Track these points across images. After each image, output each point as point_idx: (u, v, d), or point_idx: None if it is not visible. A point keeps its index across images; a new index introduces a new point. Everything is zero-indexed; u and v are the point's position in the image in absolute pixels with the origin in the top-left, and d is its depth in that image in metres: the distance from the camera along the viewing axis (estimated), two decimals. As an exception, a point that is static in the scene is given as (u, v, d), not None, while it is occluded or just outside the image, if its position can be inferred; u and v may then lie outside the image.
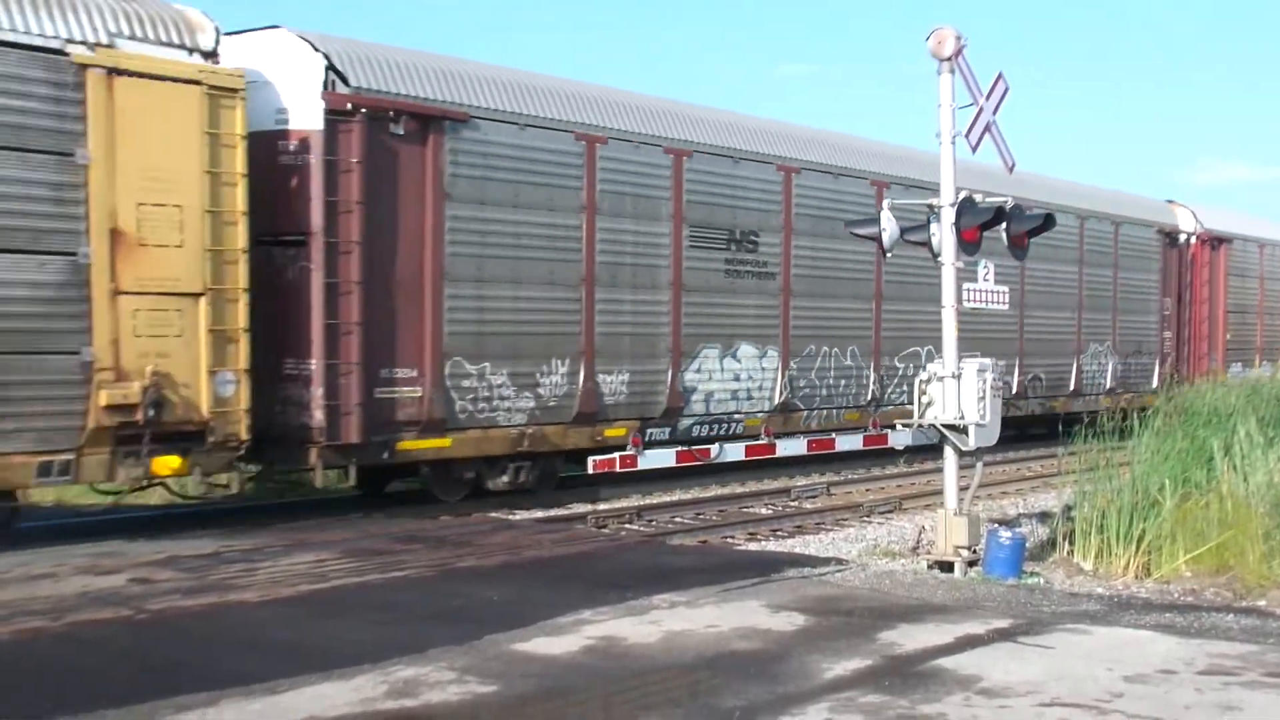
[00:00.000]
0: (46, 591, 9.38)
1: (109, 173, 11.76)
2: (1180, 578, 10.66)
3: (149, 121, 11.99)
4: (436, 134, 14.42)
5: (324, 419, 13.50)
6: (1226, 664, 7.41)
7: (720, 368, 17.93)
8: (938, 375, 11.18)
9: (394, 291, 14.18)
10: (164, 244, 12.09)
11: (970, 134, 11.24)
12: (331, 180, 13.53)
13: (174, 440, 12.23)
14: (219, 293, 12.47)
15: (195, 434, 12.40)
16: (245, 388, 12.68)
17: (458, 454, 14.94)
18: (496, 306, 15.17)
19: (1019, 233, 11.73)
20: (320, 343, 13.50)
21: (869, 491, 18.62)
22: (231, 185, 12.55)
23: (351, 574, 10.16)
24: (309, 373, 13.54)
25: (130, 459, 11.96)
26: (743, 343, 18.22)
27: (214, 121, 12.42)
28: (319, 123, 13.49)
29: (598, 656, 7.51)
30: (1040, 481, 19.53)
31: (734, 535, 14.76)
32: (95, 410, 11.68)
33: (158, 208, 12.07)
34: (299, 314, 13.50)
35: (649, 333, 16.95)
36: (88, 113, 11.68)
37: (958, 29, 10.93)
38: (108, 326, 11.74)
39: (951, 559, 10.95)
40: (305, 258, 13.50)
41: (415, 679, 6.93)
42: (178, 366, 12.19)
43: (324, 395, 13.50)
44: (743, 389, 18.33)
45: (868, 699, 6.55)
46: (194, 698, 6.52)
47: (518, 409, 15.43)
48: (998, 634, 8.16)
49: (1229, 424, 13.28)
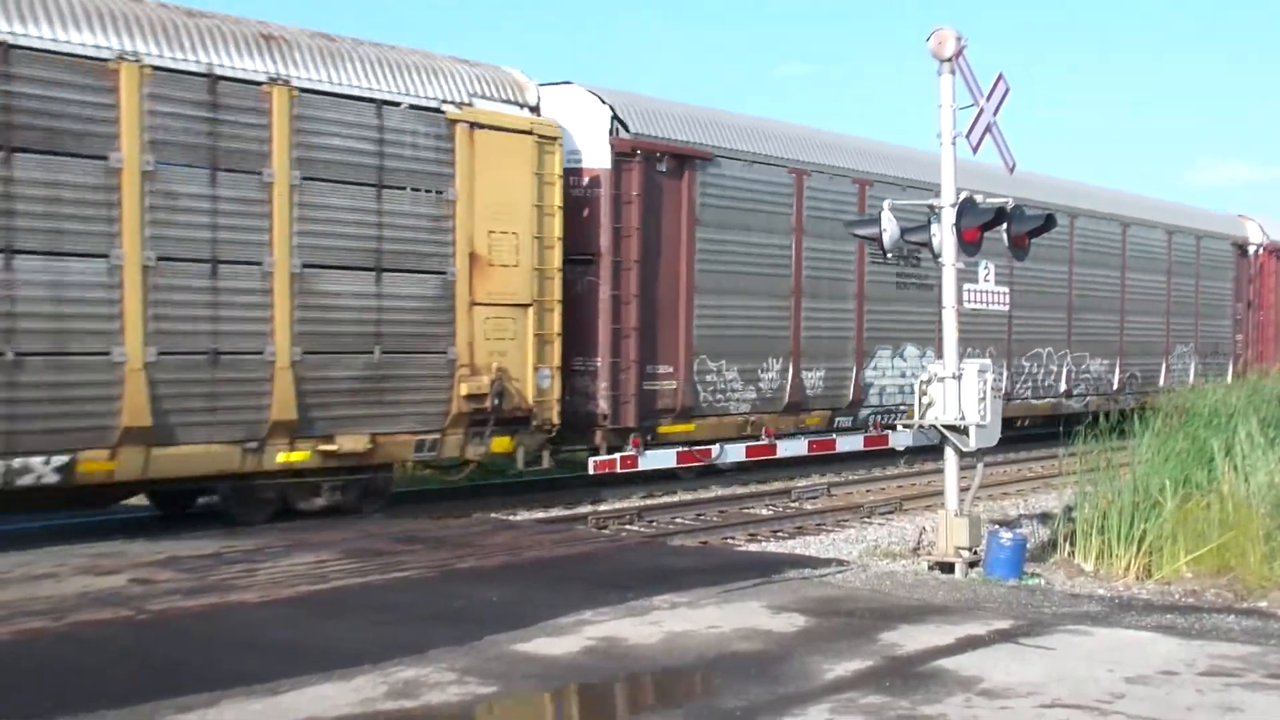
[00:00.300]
0: (47, 592, 9.38)
1: (468, 207, 14.58)
2: (1181, 579, 10.65)
3: (496, 164, 14.81)
4: (690, 170, 17.40)
5: (607, 407, 16.40)
6: (1228, 665, 7.40)
7: (891, 366, 20.92)
8: (938, 376, 11.17)
9: (659, 301, 17.12)
10: (505, 264, 14.98)
11: (971, 134, 11.25)
12: (616, 210, 16.47)
13: (507, 424, 15.08)
14: (541, 303, 15.34)
15: (522, 419, 15.24)
16: (557, 381, 15.64)
17: (698, 437, 17.58)
18: (730, 314, 18.14)
19: (1019, 233, 11.75)
20: (606, 344, 16.42)
21: (870, 492, 18.63)
22: (551, 215, 15.42)
23: (352, 575, 10.15)
24: (595, 369, 16.41)
25: (477, 439, 14.78)
26: (908, 344, 21.16)
27: (539, 164, 15.25)
28: (607, 162, 16.44)
29: (598, 657, 7.50)
30: (1041, 482, 19.53)
31: (735, 536, 14.76)
32: (457, 399, 14.49)
33: (501, 235, 14.91)
34: (588, 320, 16.35)
35: (839, 336, 19.97)
36: (455, 158, 14.49)
37: (958, 29, 10.94)
38: (466, 331, 14.59)
39: (952, 560, 10.94)
40: (594, 274, 16.40)
41: (416, 680, 6.92)
42: (512, 364, 15.03)
43: (608, 387, 16.41)
44: (907, 384, 20.15)
45: (869, 700, 6.54)
46: (195, 698, 6.51)
47: (744, 399, 18.36)
48: (999, 635, 8.15)
49: (1230, 425, 13.28)
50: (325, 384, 13.50)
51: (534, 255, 15.19)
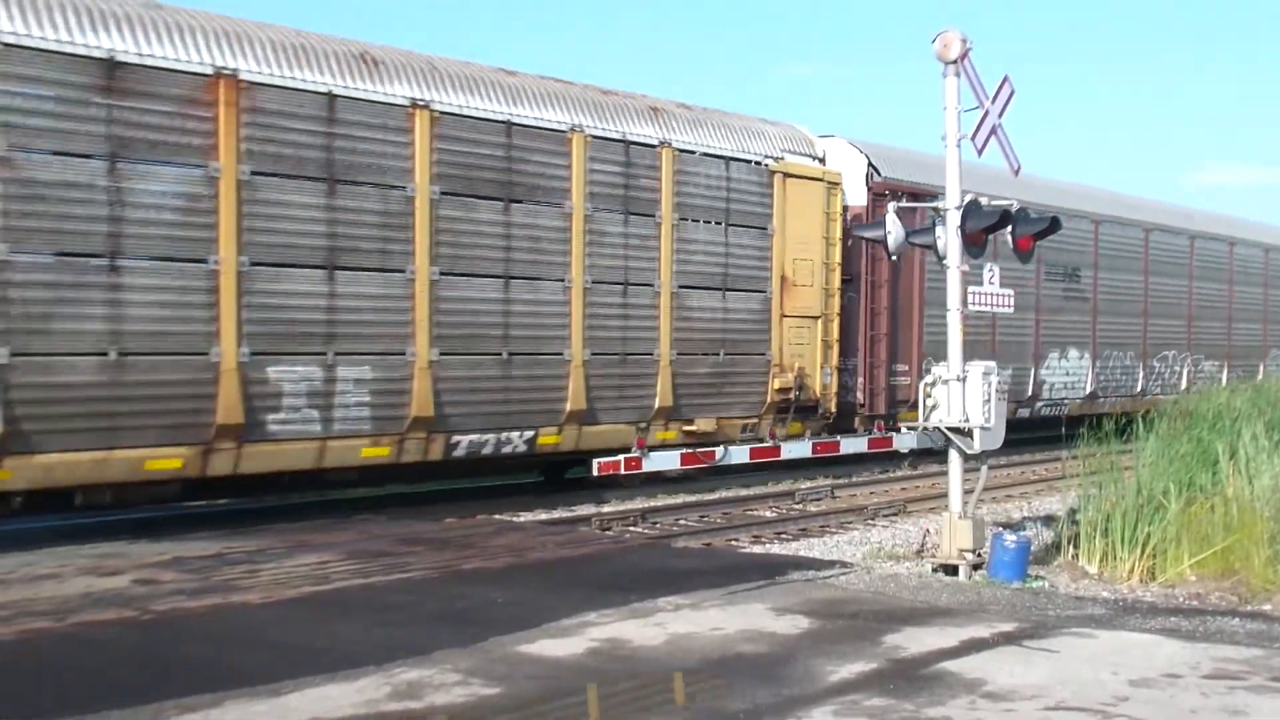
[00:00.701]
0: (50, 592, 9.38)
1: (781, 240, 18.82)
2: (1185, 582, 10.63)
3: (798, 205, 19.10)
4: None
5: (864, 398, 20.63)
6: (1232, 668, 7.39)
7: (1059, 366, 25.15)
8: (943, 378, 11.16)
9: (899, 313, 21.15)
10: (804, 284, 19.29)
11: (976, 137, 11.23)
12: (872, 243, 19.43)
13: (800, 412, 19.18)
14: (826, 316, 19.66)
15: (811, 408, 19.50)
16: (835, 378, 19.96)
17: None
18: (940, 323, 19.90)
19: (1024, 236, 11.75)
20: (864, 348, 20.60)
21: (873, 494, 18.60)
22: (833, 245, 19.74)
23: (355, 575, 10.15)
24: (855, 367, 20.55)
25: (779, 424, 18.87)
26: (1071, 348, 25.47)
27: (827, 204, 19.66)
28: (865, 200, 20.47)
29: (602, 659, 7.50)
30: (1045, 485, 19.50)
31: (738, 538, 14.74)
32: (770, 391, 18.73)
33: (801, 261, 19.21)
34: (850, 328, 20.46)
35: (1022, 341, 24.07)
36: (774, 201, 18.68)
37: (963, 32, 10.92)
38: (777, 338, 18.87)
39: (956, 562, 10.92)
40: (855, 290, 20.47)
41: (419, 681, 6.92)
42: (807, 364, 19.33)
43: (864, 382, 20.61)
44: (1070, 381, 25.46)
45: (873, 702, 6.53)
46: (198, 698, 6.51)
47: None
48: (1002, 637, 8.14)
49: (1234, 428, 13.25)
50: (689, 379, 17.53)
51: (823, 277, 19.60)
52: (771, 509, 17.05)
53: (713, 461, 17.70)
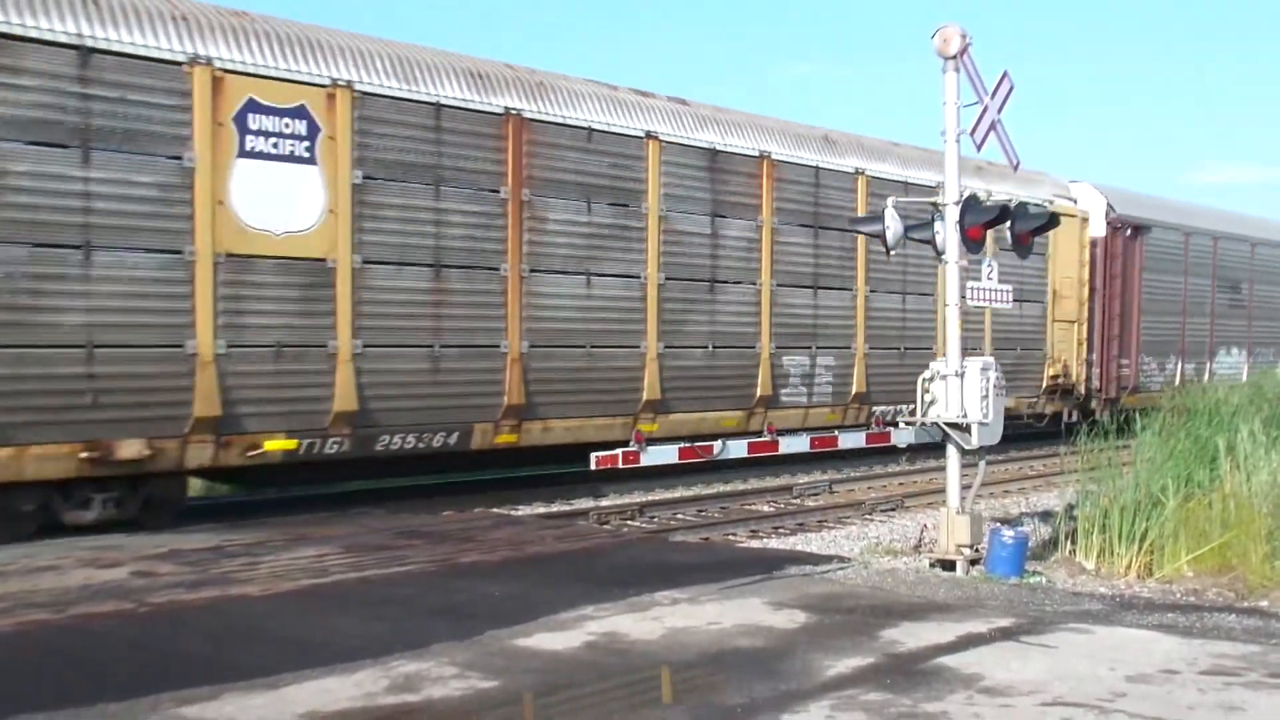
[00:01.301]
0: (49, 584, 9.39)
1: (1053, 263, 24.30)
2: (1183, 578, 10.64)
3: (1064, 237, 23.82)
4: (1141, 236, 26.97)
5: (1099, 384, 26.10)
6: (1229, 664, 7.40)
7: (1225, 360, 30.61)
8: (941, 373, 11.15)
9: (1122, 318, 26.44)
10: (1066, 296, 24.77)
11: (975, 132, 11.21)
12: (1108, 262, 26.14)
13: (1061, 395, 24.77)
14: (1079, 321, 25.12)
15: (1068, 391, 24.94)
16: (1084, 370, 25.40)
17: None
18: (1156, 326, 27.67)
19: (1023, 231, 11.74)
20: (1099, 344, 26.07)
21: (871, 489, 18.62)
22: (1084, 266, 25.21)
23: (353, 569, 10.16)
24: (1092, 360, 25.87)
25: (1049, 403, 24.48)
26: (1234, 346, 31.18)
27: (1080, 235, 24.97)
28: (1103, 232, 26.05)
29: (600, 652, 7.51)
30: (1043, 480, 19.52)
31: (736, 532, 14.75)
32: (1046, 378, 24.30)
33: (1065, 279, 24.67)
34: (1090, 329, 25.66)
35: (1200, 339, 29.64)
36: (1049, 236, 21.34)
37: (963, 27, 10.92)
38: (1050, 336, 24.43)
39: (954, 557, 10.93)
40: (1094, 301, 25.69)
41: (417, 674, 6.93)
42: (1068, 357, 24.86)
43: (1099, 372, 26.09)
44: (1232, 374, 29.78)
45: (870, 697, 6.54)
46: (196, 691, 6.52)
47: (1157, 380, 27.57)
48: (1000, 633, 8.15)
49: (1232, 424, 13.25)
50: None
51: (1077, 290, 25.00)
52: (769, 504, 17.06)
53: (710, 456, 17.65)
